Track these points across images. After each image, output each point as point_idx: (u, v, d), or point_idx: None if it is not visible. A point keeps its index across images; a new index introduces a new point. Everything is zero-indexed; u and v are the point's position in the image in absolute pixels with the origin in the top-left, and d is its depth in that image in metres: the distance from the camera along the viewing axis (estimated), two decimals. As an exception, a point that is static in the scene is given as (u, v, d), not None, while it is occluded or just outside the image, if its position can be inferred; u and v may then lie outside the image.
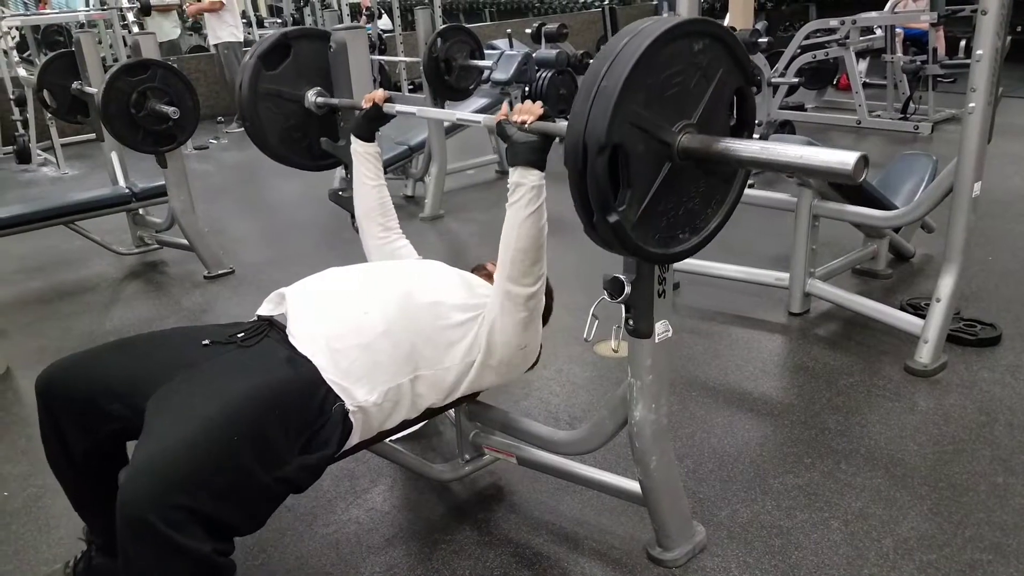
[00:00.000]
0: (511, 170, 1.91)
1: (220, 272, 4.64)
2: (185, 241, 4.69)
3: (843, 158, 1.38)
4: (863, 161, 1.36)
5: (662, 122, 1.53)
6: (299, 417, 1.75)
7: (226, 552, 1.60)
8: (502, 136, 1.95)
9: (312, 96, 2.71)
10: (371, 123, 2.50)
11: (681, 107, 1.56)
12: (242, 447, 1.62)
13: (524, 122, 1.89)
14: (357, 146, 2.50)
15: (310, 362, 1.84)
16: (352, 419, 1.85)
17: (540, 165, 1.89)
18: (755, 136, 1.77)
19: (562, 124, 1.80)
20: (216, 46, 9.14)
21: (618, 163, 1.49)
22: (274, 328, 1.99)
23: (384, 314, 1.95)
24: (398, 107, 2.48)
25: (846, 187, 3.45)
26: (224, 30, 8.98)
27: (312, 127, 2.76)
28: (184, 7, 9.27)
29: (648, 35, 1.46)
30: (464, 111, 2.19)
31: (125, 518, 1.50)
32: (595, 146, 1.44)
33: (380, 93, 2.48)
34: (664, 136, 1.53)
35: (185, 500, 1.51)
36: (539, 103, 1.91)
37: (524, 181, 1.88)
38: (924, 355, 3.09)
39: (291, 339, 1.91)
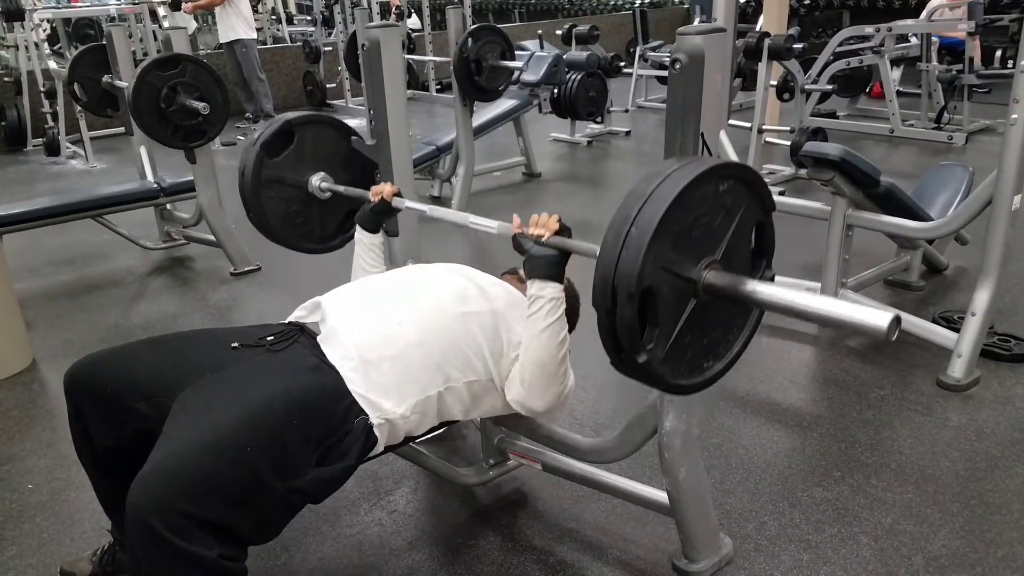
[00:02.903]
0: (528, 283, 1.88)
1: (246, 269, 4.65)
2: (212, 237, 4.70)
3: (877, 319, 1.32)
4: (896, 322, 1.31)
5: (688, 262, 1.54)
6: (319, 427, 1.73)
7: (236, 558, 1.59)
8: (518, 249, 1.92)
9: (316, 181, 2.63)
10: (378, 216, 2.45)
11: (706, 245, 1.57)
12: (257, 455, 1.61)
13: (540, 236, 1.86)
14: (360, 235, 2.46)
15: (336, 372, 1.83)
16: (377, 432, 1.83)
17: (558, 279, 1.87)
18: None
19: (579, 243, 1.81)
20: (231, 44, 8.93)
21: (645, 304, 1.49)
22: (305, 334, 1.98)
23: (418, 325, 1.93)
24: (407, 203, 2.41)
25: (881, 197, 3.40)
26: (241, 27, 8.87)
27: (315, 212, 2.71)
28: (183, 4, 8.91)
29: (678, 182, 1.46)
30: (472, 219, 2.15)
31: (132, 521, 1.50)
32: (625, 293, 1.43)
33: (388, 188, 2.42)
34: (690, 275, 1.54)
35: (192, 507, 1.50)
36: (555, 216, 1.88)
37: (542, 294, 1.86)
38: (957, 369, 3.04)
39: (322, 347, 1.90)
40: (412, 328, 1.93)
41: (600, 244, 1.50)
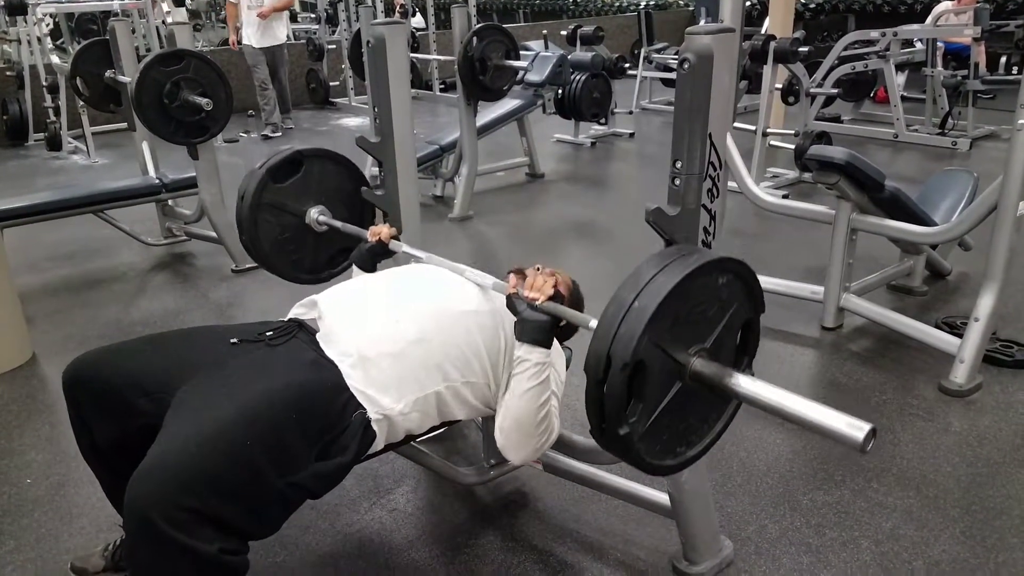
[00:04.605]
0: (517, 344, 1.87)
1: (248, 266, 4.61)
2: (214, 234, 4.70)
3: (853, 431, 1.32)
4: (872, 434, 1.32)
5: (680, 345, 1.55)
6: (317, 422, 1.73)
7: (237, 551, 1.58)
8: (511, 310, 1.90)
9: (315, 214, 2.62)
10: (375, 257, 2.44)
11: (698, 332, 1.58)
12: (255, 450, 1.61)
13: (534, 300, 1.84)
14: (357, 274, 2.44)
15: (335, 367, 1.83)
16: (375, 427, 1.82)
17: (547, 344, 1.86)
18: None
19: (572, 311, 1.82)
20: (279, 46, 8.78)
21: (633, 377, 1.49)
22: (303, 330, 1.97)
23: (417, 323, 1.93)
24: (405, 247, 2.38)
25: (886, 202, 3.39)
26: (282, 30, 8.78)
27: (307, 243, 2.69)
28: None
29: (687, 266, 1.50)
30: (468, 272, 2.14)
31: (130, 516, 1.50)
32: (620, 362, 1.45)
33: (387, 230, 2.41)
34: (680, 358, 1.55)
35: (191, 501, 1.50)
36: (551, 280, 1.87)
37: (529, 357, 1.84)
38: (959, 375, 3.04)
39: (321, 344, 1.90)
40: (411, 326, 1.92)
41: (595, 315, 1.52)
